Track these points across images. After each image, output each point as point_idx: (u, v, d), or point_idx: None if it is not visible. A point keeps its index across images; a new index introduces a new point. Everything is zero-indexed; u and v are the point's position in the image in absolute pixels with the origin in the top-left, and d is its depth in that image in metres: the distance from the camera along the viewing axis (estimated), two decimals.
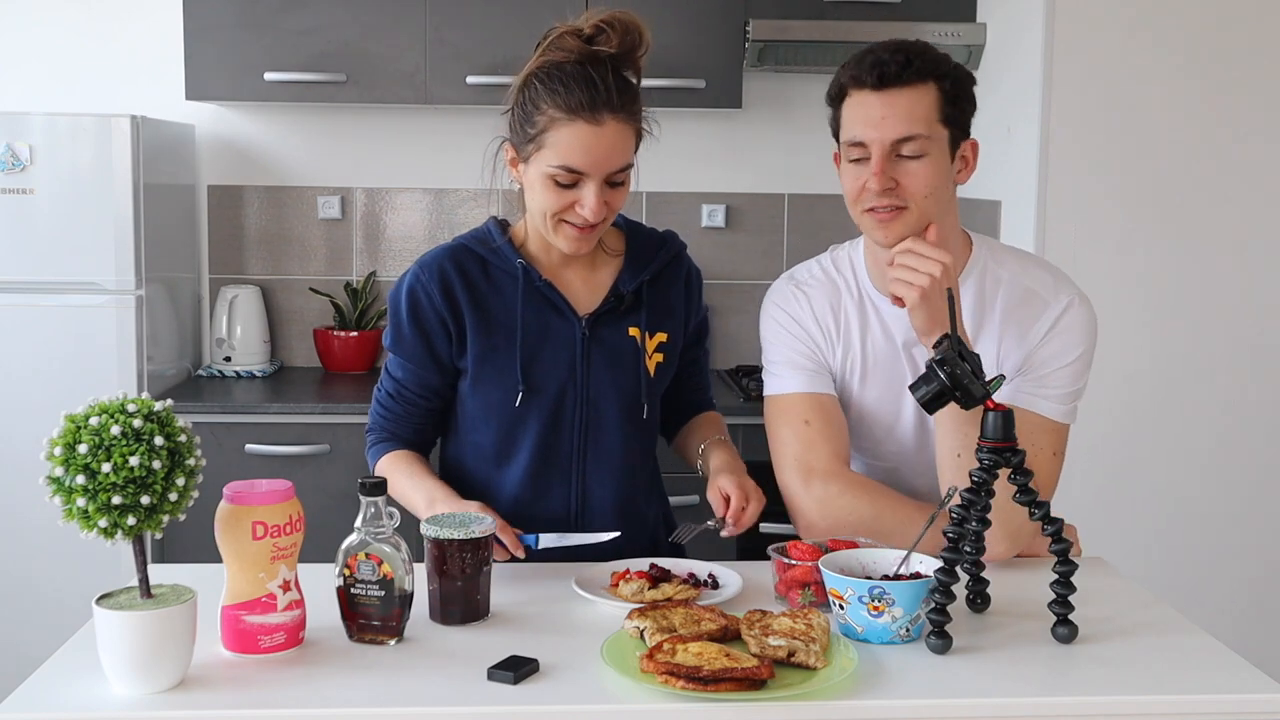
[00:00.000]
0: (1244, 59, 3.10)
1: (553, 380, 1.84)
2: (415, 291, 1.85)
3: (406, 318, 1.86)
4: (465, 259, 1.87)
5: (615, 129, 1.74)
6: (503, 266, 1.87)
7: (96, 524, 1.29)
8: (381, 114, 3.72)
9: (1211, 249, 3.15)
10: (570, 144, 1.72)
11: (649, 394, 1.90)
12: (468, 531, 1.56)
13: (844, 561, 1.57)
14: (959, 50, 3.44)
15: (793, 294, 1.90)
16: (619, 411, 1.89)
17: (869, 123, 1.75)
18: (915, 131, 1.73)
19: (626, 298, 1.89)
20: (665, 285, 1.94)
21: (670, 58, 3.41)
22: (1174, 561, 3.18)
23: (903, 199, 1.74)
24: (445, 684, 1.38)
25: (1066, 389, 1.81)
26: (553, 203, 1.76)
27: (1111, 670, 1.44)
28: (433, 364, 1.87)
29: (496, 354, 1.84)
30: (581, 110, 1.71)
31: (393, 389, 1.91)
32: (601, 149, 1.73)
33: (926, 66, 1.74)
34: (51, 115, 3.21)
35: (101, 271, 3.21)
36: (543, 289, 1.85)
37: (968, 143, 1.80)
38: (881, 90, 1.74)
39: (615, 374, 1.88)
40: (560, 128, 1.72)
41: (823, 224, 3.78)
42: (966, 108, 1.78)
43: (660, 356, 1.92)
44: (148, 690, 1.33)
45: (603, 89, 1.72)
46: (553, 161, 1.73)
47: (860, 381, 1.88)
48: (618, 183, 1.77)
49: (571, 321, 1.86)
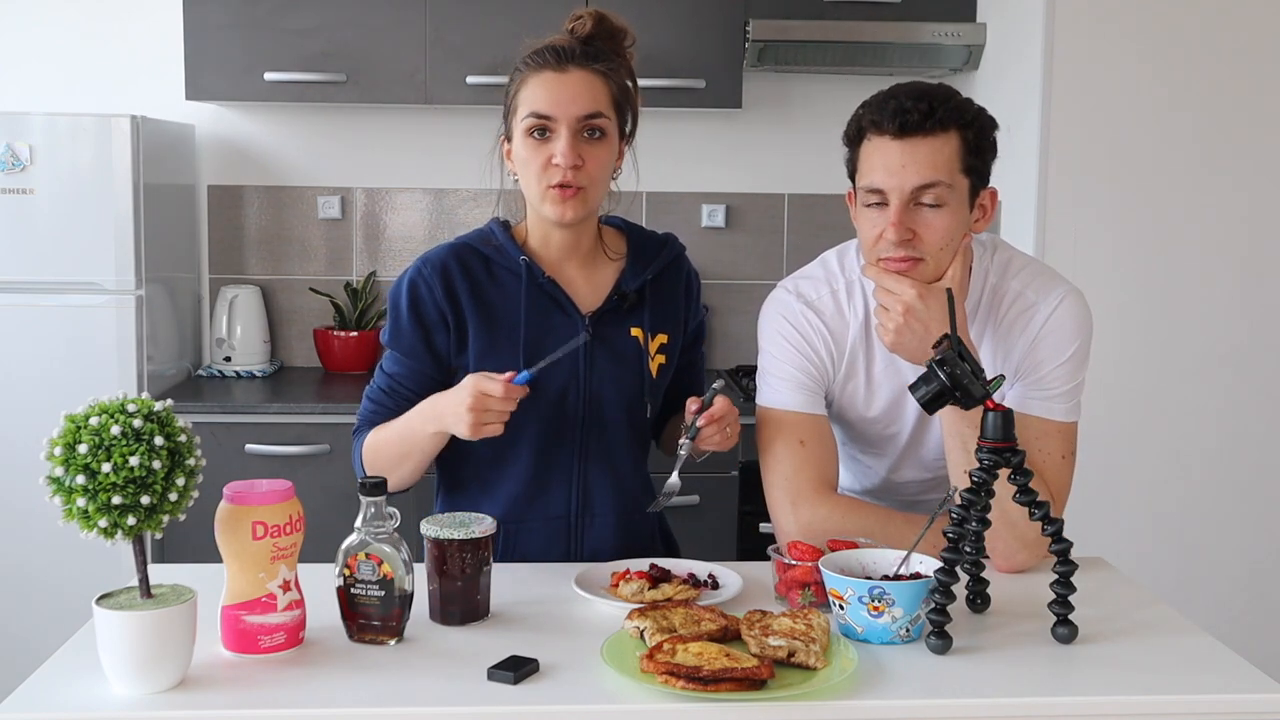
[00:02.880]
0: (1243, 59, 3.10)
1: (555, 378, 1.83)
2: (417, 285, 1.85)
3: (406, 311, 1.85)
4: (468, 256, 1.87)
5: (581, 76, 1.79)
6: (506, 264, 1.86)
7: (96, 524, 1.29)
8: (381, 114, 3.72)
9: (1211, 248, 3.16)
10: (535, 92, 1.78)
11: (651, 394, 1.90)
12: (468, 531, 1.56)
13: (844, 561, 1.57)
14: (959, 50, 3.44)
15: (802, 312, 1.86)
16: (621, 411, 1.88)
17: (889, 170, 1.71)
18: (936, 179, 1.69)
19: (630, 297, 1.89)
20: (667, 286, 1.94)
21: (670, 58, 3.41)
22: (1174, 561, 3.18)
23: (919, 250, 1.72)
24: (445, 684, 1.38)
25: (1065, 386, 1.80)
26: (532, 163, 1.79)
27: (1111, 670, 1.44)
28: (430, 359, 1.86)
29: (499, 351, 1.83)
30: (547, 62, 1.79)
31: (386, 385, 1.88)
32: (566, 92, 1.77)
33: (949, 115, 1.70)
34: (51, 115, 3.21)
35: (101, 271, 3.21)
36: (546, 286, 1.85)
37: (987, 191, 1.77)
38: (903, 138, 1.70)
39: (619, 373, 1.87)
40: (528, 80, 1.80)
41: (823, 224, 3.78)
42: (988, 156, 1.75)
43: (662, 358, 1.91)
44: (148, 690, 1.33)
45: (568, 47, 1.80)
46: (523, 114, 1.79)
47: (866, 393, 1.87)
48: (594, 136, 1.79)
49: (575, 319, 1.86)
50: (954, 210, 1.72)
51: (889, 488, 1.97)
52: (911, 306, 1.70)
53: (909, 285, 1.71)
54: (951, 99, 1.72)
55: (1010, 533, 1.72)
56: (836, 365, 1.86)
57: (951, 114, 1.70)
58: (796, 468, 1.81)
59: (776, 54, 3.45)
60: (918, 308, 1.70)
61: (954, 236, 1.73)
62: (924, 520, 1.64)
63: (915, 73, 3.55)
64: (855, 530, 1.74)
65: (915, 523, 1.73)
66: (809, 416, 1.84)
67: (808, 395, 1.85)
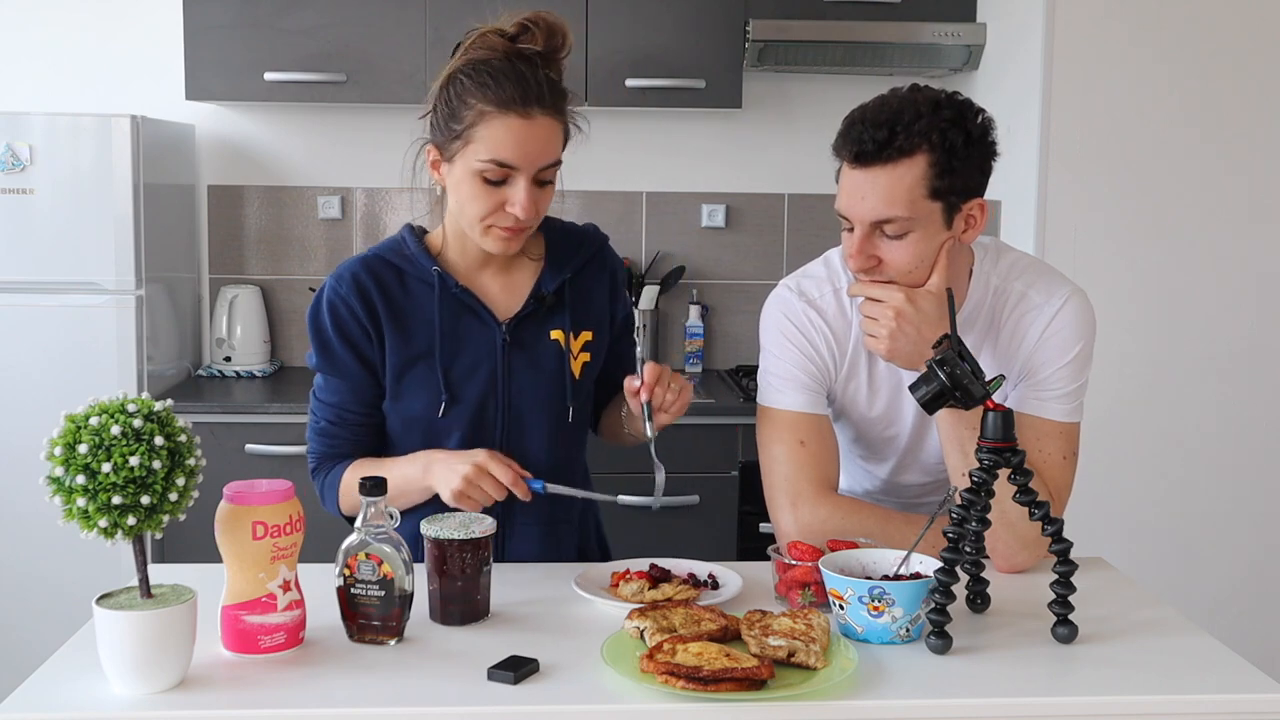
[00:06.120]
0: (1243, 59, 3.10)
1: (473, 389, 1.80)
2: (336, 305, 1.79)
3: (333, 333, 1.79)
4: (380, 268, 1.81)
5: (546, 124, 1.70)
6: (418, 275, 1.81)
7: (96, 524, 1.29)
8: (381, 114, 3.71)
9: (1211, 248, 3.16)
10: (501, 137, 1.68)
11: (575, 396, 1.86)
12: (468, 531, 1.56)
13: (844, 561, 1.57)
14: (959, 50, 3.44)
15: (804, 311, 1.85)
16: (543, 417, 1.84)
17: (850, 197, 1.69)
18: (894, 214, 1.66)
19: (548, 299, 1.84)
20: (588, 282, 1.88)
21: (670, 58, 3.41)
22: (1174, 561, 3.18)
23: (885, 274, 1.71)
24: (445, 684, 1.38)
25: (1069, 387, 1.80)
26: (480, 203, 1.71)
27: (1111, 670, 1.44)
28: (368, 376, 1.81)
29: (416, 365, 1.80)
30: (513, 104, 1.68)
31: (332, 415, 1.84)
32: (533, 143, 1.69)
33: (912, 141, 1.63)
34: (51, 115, 3.21)
35: (101, 271, 3.21)
36: (460, 295, 1.81)
37: (974, 202, 1.71)
38: (861, 168, 1.67)
39: (537, 379, 1.83)
40: (490, 121, 1.68)
41: (823, 224, 3.78)
42: (968, 171, 1.67)
43: (587, 356, 1.87)
44: (148, 690, 1.33)
45: (533, 84, 1.69)
46: (482, 156, 1.69)
47: (868, 392, 1.87)
48: (546, 181, 1.74)
49: (491, 327, 1.81)
50: (921, 237, 1.69)
51: (891, 489, 1.97)
52: (901, 310, 1.69)
53: (895, 289, 1.70)
54: (918, 121, 1.64)
55: (1010, 533, 1.72)
56: (839, 364, 1.86)
57: (915, 138, 1.64)
58: (797, 468, 1.80)
59: (776, 54, 3.46)
60: (908, 311, 1.69)
61: (922, 258, 1.70)
62: (924, 520, 1.64)
63: (915, 73, 3.55)
64: (855, 531, 1.74)
65: (915, 523, 1.73)
66: (810, 416, 1.83)
67: (809, 395, 1.84)
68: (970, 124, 1.68)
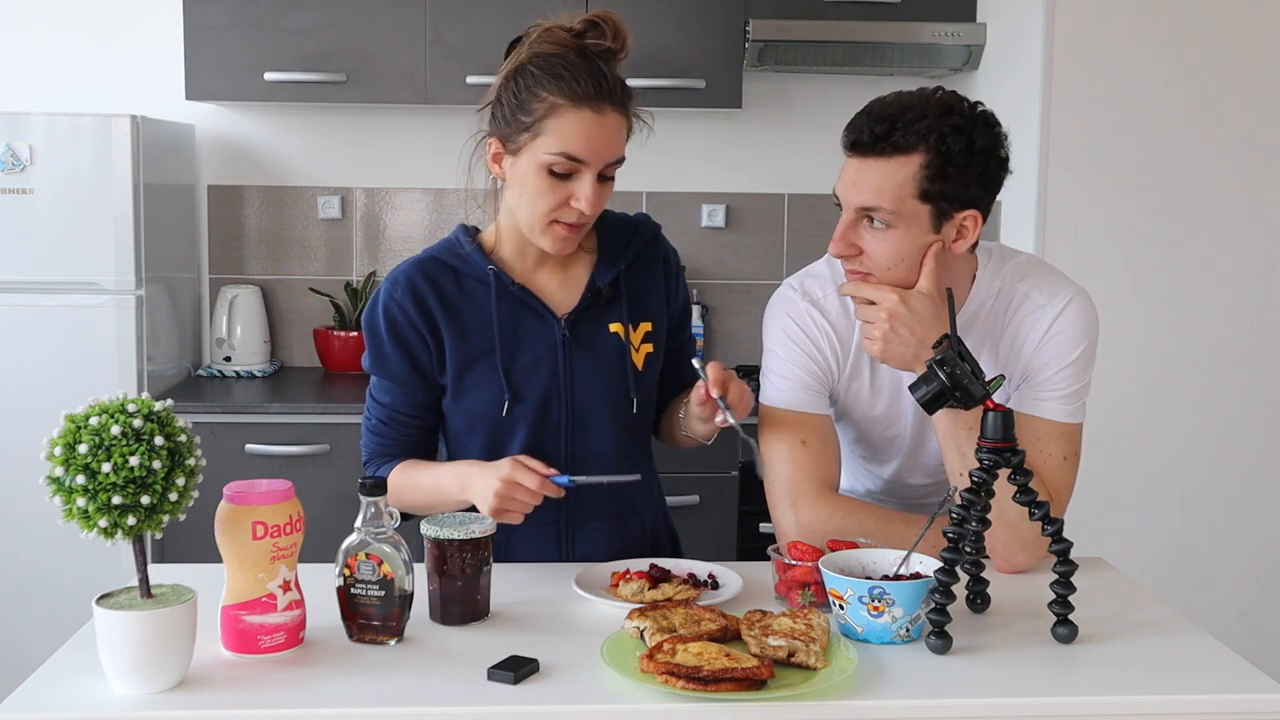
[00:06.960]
0: (1243, 59, 3.11)
1: (535, 386, 1.81)
2: (390, 309, 1.80)
3: (387, 337, 1.81)
4: (435, 270, 1.82)
5: (616, 120, 1.72)
6: (474, 275, 1.82)
7: (96, 524, 1.29)
8: (381, 114, 3.72)
9: (1211, 248, 3.16)
10: (573, 131, 1.68)
11: (638, 388, 1.86)
12: (468, 531, 1.56)
13: (844, 561, 1.57)
14: (959, 50, 3.44)
15: (807, 310, 1.85)
16: (607, 411, 1.85)
17: (845, 182, 1.72)
18: (880, 205, 1.67)
19: (604, 291, 1.84)
20: (642, 273, 1.89)
21: (670, 58, 3.41)
22: (1174, 561, 3.18)
23: (864, 265, 1.72)
24: (445, 684, 1.38)
25: (1071, 388, 1.80)
26: (546, 198, 1.71)
27: (1111, 670, 1.44)
28: (420, 380, 1.83)
29: (477, 365, 1.80)
30: (587, 99, 1.68)
31: (384, 415, 1.86)
32: (603, 138, 1.70)
33: (912, 138, 1.64)
34: (51, 115, 3.21)
35: (101, 271, 3.21)
36: (516, 293, 1.81)
37: (968, 213, 1.70)
38: (858, 156, 1.69)
39: (599, 373, 1.83)
40: (563, 114, 1.68)
41: (823, 224, 3.78)
42: (963, 181, 1.67)
43: (649, 347, 1.87)
44: (148, 690, 1.33)
45: (606, 80, 1.70)
46: (552, 149, 1.69)
47: (870, 392, 1.87)
48: (609, 177, 1.75)
49: (550, 323, 1.82)
50: (904, 234, 1.69)
51: (893, 490, 1.97)
52: (895, 311, 1.69)
53: (889, 290, 1.71)
54: (920, 121, 1.65)
55: (1010, 533, 1.72)
56: (841, 365, 1.86)
57: (913, 138, 1.65)
58: (798, 468, 1.80)
59: (776, 54, 3.45)
60: (901, 312, 1.69)
61: (903, 257, 1.71)
62: (924, 520, 1.64)
63: (915, 73, 3.55)
64: (856, 531, 1.74)
65: (915, 523, 1.73)
66: (812, 416, 1.83)
67: (811, 395, 1.84)
68: (978, 135, 1.67)
